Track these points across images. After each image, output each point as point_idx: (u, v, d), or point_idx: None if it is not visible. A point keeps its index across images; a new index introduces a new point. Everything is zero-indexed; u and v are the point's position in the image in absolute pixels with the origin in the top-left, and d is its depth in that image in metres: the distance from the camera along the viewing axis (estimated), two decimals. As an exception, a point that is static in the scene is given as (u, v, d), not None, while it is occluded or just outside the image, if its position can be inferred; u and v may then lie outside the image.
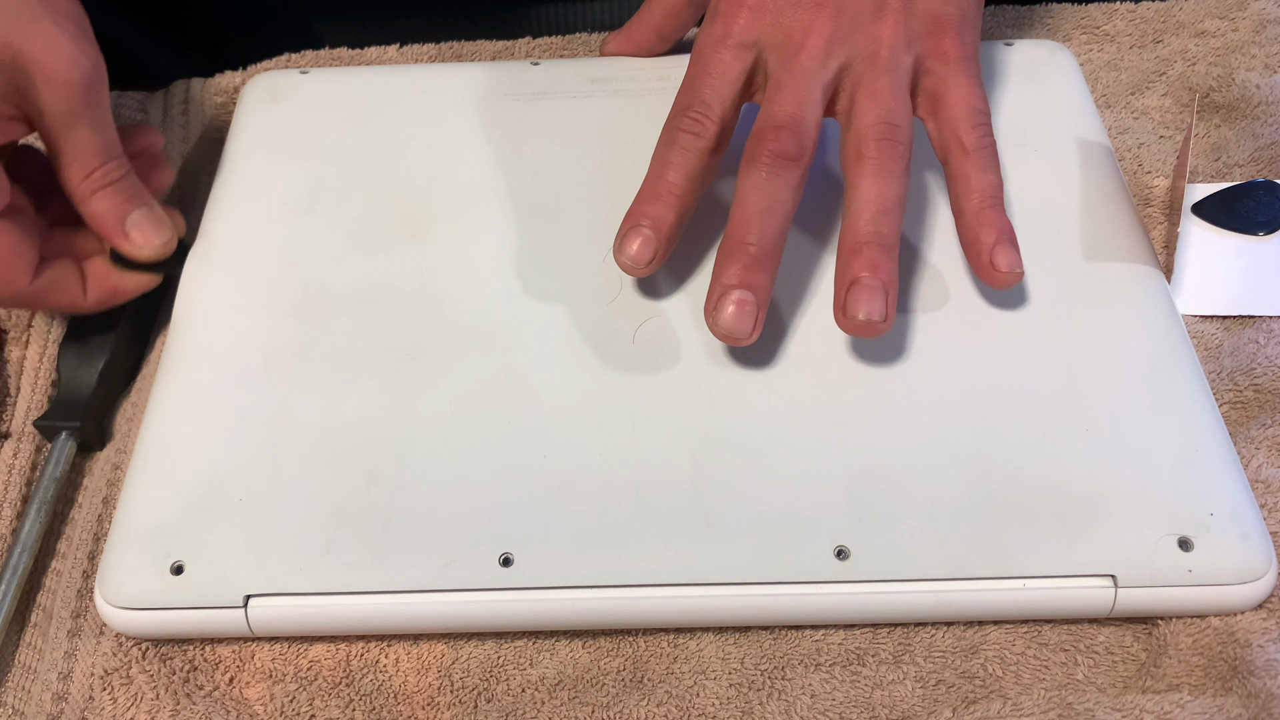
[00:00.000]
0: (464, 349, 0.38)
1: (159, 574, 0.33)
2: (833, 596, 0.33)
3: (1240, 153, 0.45)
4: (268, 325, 0.39)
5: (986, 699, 0.33)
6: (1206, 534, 0.33)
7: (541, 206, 0.42)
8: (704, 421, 0.36)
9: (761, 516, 0.34)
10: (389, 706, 0.34)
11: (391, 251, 0.41)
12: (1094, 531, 0.33)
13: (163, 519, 0.34)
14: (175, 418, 0.37)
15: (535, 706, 0.33)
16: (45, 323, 0.43)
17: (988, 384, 0.36)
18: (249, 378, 0.38)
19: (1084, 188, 0.42)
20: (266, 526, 0.34)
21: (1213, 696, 0.32)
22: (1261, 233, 0.42)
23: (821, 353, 0.37)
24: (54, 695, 0.34)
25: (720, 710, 0.33)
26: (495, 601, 0.33)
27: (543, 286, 0.39)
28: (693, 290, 0.39)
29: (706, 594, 0.33)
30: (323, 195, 0.43)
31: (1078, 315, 0.38)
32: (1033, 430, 0.35)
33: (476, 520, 0.34)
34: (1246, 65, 0.48)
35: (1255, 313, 0.40)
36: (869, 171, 0.36)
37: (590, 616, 0.34)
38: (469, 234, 0.41)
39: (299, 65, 0.50)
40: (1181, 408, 0.35)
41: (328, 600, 0.33)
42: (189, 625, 0.34)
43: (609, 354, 0.37)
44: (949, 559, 0.33)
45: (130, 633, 0.34)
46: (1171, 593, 0.33)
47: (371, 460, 0.35)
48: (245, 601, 0.33)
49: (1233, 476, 0.34)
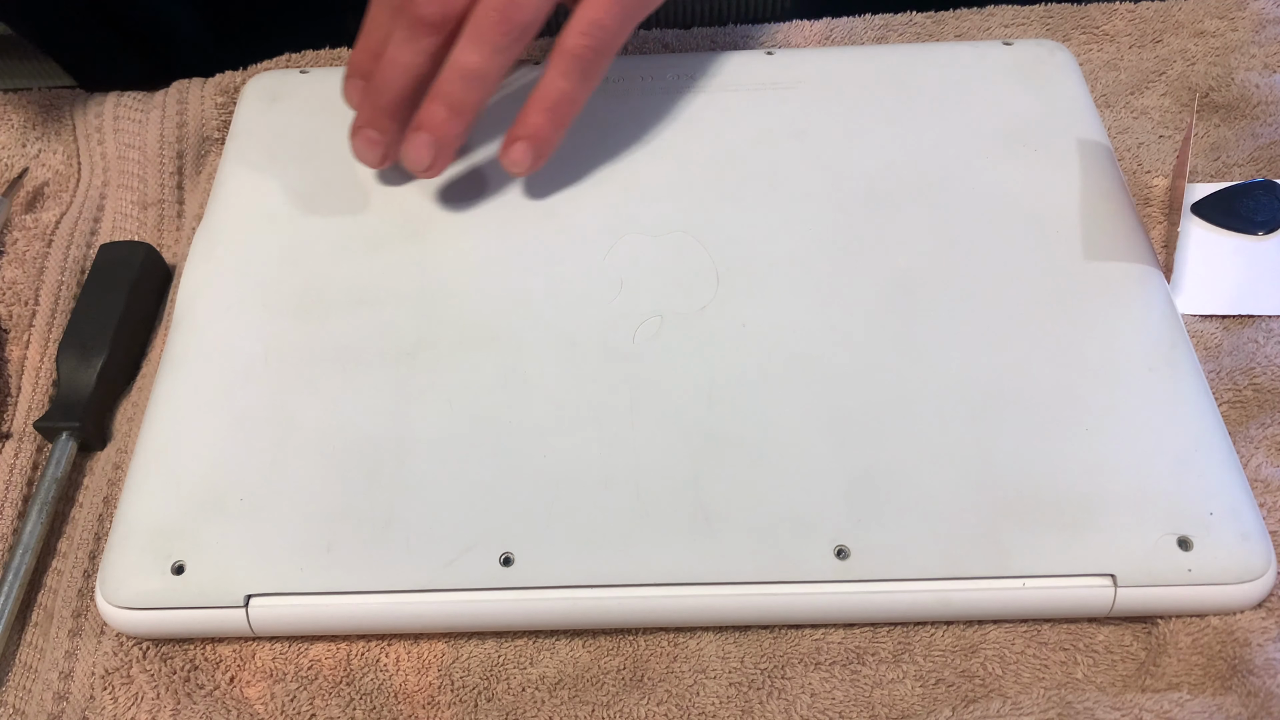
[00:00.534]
0: (464, 348, 0.38)
1: (160, 574, 0.33)
2: (833, 596, 0.33)
3: (1239, 152, 0.45)
4: (269, 324, 0.39)
5: (986, 698, 0.33)
6: (1206, 533, 0.33)
7: (541, 205, 0.42)
8: (704, 421, 0.36)
9: (761, 516, 0.34)
10: (389, 705, 0.34)
11: (391, 251, 0.41)
12: (1093, 531, 0.33)
13: (164, 518, 0.34)
14: (176, 417, 0.37)
15: (535, 705, 0.33)
16: (46, 323, 0.43)
17: (987, 383, 0.36)
18: (250, 377, 0.38)
19: (1084, 188, 0.42)
20: (267, 526, 0.34)
21: (1212, 695, 0.32)
22: (1261, 232, 0.42)
23: (821, 352, 0.37)
24: (55, 695, 0.34)
25: (720, 709, 0.33)
26: (496, 601, 0.33)
27: (542, 285, 0.40)
28: (693, 291, 0.39)
29: (707, 593, 0.33)
30: (323, 195, 0.43)
31: (1077, 315, 0.38)
32: (1033, 430, 0.35)
33: (477, 520, 0.34)
34: (1246, 65, 0.48)
35: (1254, 312, 0.40)
36: (464, 34, 0.38)
37: (591, 616, 0.34)
38: (469, 233, 0.41)
39: (299, 65, 0.50)
40: (1181, 407, 0.35)
41: (328, 600, 0.33)
42: (190, 625, 0.34)
43: (609, 353, 0.37)
44: (949, 558, 0.33)
45: (131, 632, 0.34)
46: (1171, 592, 0.33)
47: (372, 460, 0.35)
48: (246, 601, 0.33)
49: (1232, 476, 0.34)
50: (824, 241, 0.40)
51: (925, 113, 0.44)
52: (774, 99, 0.45)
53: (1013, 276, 0.39)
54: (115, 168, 0.48)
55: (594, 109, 0.45)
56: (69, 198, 0.47)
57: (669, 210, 0.41)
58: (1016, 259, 0.39)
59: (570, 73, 0.39)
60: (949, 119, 0.44)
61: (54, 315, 0.43)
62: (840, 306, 0.38)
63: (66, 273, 0.44)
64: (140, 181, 0.48)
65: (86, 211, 0.47)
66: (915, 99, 0.45)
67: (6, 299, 0.44)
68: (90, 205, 0.47)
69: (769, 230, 0.41)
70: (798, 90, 0.46)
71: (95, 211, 0.47)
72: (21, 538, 0.37)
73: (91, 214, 0.47)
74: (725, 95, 0.46)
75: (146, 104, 0.50)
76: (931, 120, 0.44)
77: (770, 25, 0.51)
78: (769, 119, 0.45)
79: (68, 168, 0.48)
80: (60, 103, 0.50)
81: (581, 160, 0.44)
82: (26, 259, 0.45)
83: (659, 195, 0.42)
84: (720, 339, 0.38)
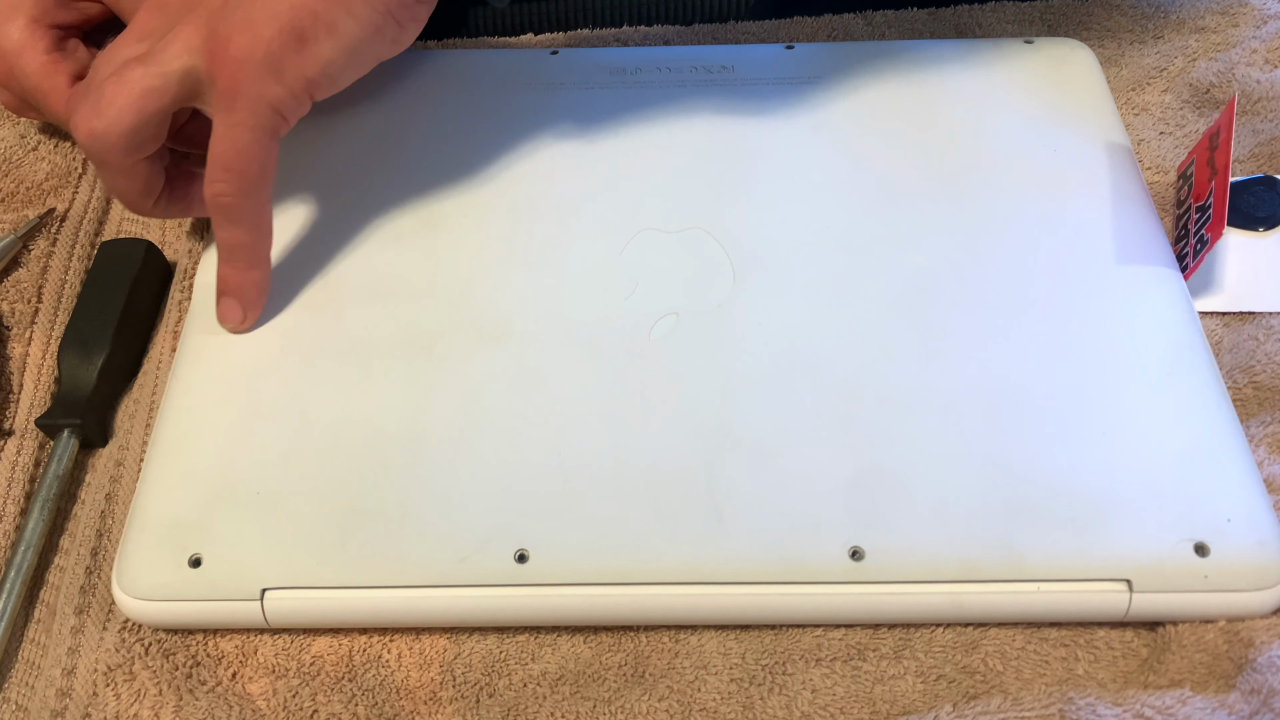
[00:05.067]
0: (479, 344, 0.38)
1: (177, 566, 0.34)
2: (847, 597, 0.33)
3: (1240, 148, 0.45)
4: (284, 318, 0.39)
5: (987, 694, 0.33)
6: (1223, 539, 0.32)
7: (557, 199, 0.42)
8: (718, 419, 0.35)
9: (775, 516, 0.33)
10: (391, 701, 0.34)
11: (406, 246, 0.41)
12: (1109, 535, 0.33)
13: (181, 511, 0.35)
14: (192, 410, 0.37)
15: (537, 701, 0.34)
16: (48, 320, 0.43)
17: (1003, 384, 0.36)
18: (265, 370, 0.38)
19: (1103, 188, 0.41)
20: (283, 520, 0.34)
21: (1215, 693, 0.32)
22: (1261, 228, 0.42)
23: (835, 351, 0.37)
24: (58, 691, 0.34)
25: (721, 705, 0.33)
26: (511, 597, 0.33)
27: (557, 282, 0.39)
28: (708, 289, 0.39)
29: (721, 593, 0.33)
30: (338, 188, 0.43)
31: (1095, 316, 0.37)
32: (1048, 432, 0.35)
33: (491, 515, 0.34)
34: (1246, 61, 0.48)
35: (1255, 309, 0.40)
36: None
37: (604, 613, 0.34)
38: (483, 229, 0.41)
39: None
40: (1198, 411, 0.35)
41: (343, 594, 0.33)
42: (206, 617, 0.34)
43: (624, 351, 0.37)
44: (963, 561, 0.33)
45: (148, 623, 0.34)
46: (1186, 598, 0.32)
47: (387, 454, 0.35)
48: (261, 594, 0.33)
49: (1249, 482, 0.34)
50: (840, 239, 0.40)
51: (945, 110, 0.44)
52: (792, 94, 0.45)
53: (1030, 277, 0.39)
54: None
55: (612, 101, 0.45)
56: (70, 194, 0.47)
57: (684, 206, 0.41)
58: (1034, 259, 0.39)
59: (222, 223, 0.38)
60: (968, 117, 0.44)
61: (56, 312, 0.43)
62: (855, 305, 0.38)
63: (70, 270, 0.44)
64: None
65: (91, 210, 0.47)
66: (935, 96, 0.45)
67: (9, 296, 0.44)
68: (95, 203, 0.47)
69: (784, 227, 0.40)
70: (815, 85, 0.45)
71: (100, 211, 0.47)
72: (24, 535, 0.37)
73: (96, 213, 0.47)
74: (742, 89, 0.45)
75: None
76: (950, 118, 0.44)
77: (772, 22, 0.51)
78: (786, 114, 0.44)
79: (70, 164, 0.48)
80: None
81: (598, 153, 0.43)
82: (30, 256, 0.45)
83: (674, 191, 0.42)
84: (735, 337, 0.37)
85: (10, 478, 0.39)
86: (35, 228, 0.45)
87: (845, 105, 0.44)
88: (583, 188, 0.42)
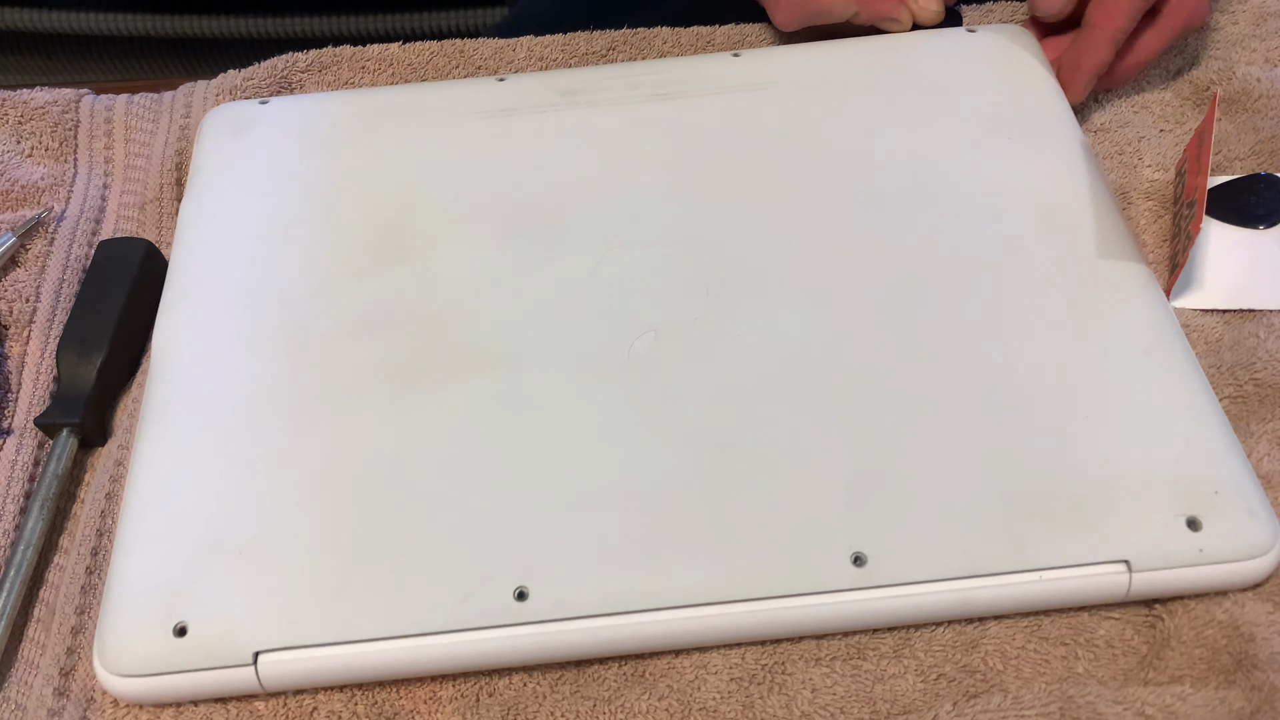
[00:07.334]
0: (459, 375, 0.37)
1: (162, 636, 0.32)
2: (854, 604, 0.33)
3: (1241, 146, 0.45)
4: (253, 365, 0.38)
5: (987, 693, 0.33)
6: (1214, 512, 0.33)
7: (521, 223, 0.41)
8: (709, 434, 0.35)
9: (776, 528, 0.33)
10: (391, 700, 0.34)
11: (373, 279, 0.40)
12: (1104, 518, 0.33)
13: (161, 578, 0.33)
14: (163, 471, 0.35)
15: (537, 701, 0.33)
16: (47, 320, 0.43)
17: (987, 378, 0.36)
18: (239, 422, 0.36)
19: (1058, 176, 0.41)
20: (270, 577, 0.33)
21: (1215, 689, 0.32)
22: (1262, 226, 0.42)
23: (817, 356, 0.37)
24: (56, 691, 0.34)
25: (721, 704, 0.33)
26: (514, 638, 0.32)
27: (531, 306, 0.39)
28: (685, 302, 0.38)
29: (727, 612, 0.33)
30: (296, 226, 0.42)
31: (1067, 305, 0.38)
32: (1036, 421, 0.35)
33: (487, 552, 0.33)
34: (1247, 59, 0.48)
35: (1255, 307, 0.40)
36: None
37: (612, 645, 0.33)
38: (450, 256, 0.40)
39: (300, 65, 0.50)
40: (1178, 389, 0.36)
41: (341, 650, 0.32)
42: (197, 688, 0.32)
43: (607, 372, 0.37)
44: (965, 557, 0.33)
45: (135, 700, 0.33)
46: (1184, 573, 0.33)
47: (373, 498, 0.34)
48: (255, 658, 0.32)
49: (1233, 453, 0.34)
50: (813, 243, 0.40)
51: (901, 106, 0.44)
52: (746, 101, 0.45)
53: (1002, 270, 0.39)
54: (121, 174, 0.48)
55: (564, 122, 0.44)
56: (65, 194, 0.47)
57: (651, 222, 0.41)
58: (1004, 253, 0.39)
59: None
60: (923, 112, 0.44)
61: (55, 312, 0.43)
62: (833, 308, 0.38)
63: (68, 270, 0.44)
64: (142, 186, 0.48)
65: (88, 210, 0.47)
66: (889, 93, 0.44)
67: (8, 295, 0.44)
68: (92, 203, 0.47)
69: (754, 235, 0.40)
70: (769, 92, 0.45)
71: (97, 211, 0.47)
72: (23, 534, 0.37)
73: (93, 213, 0.47)
74: (696, 100, 0.45)
75: (157, 107, 0.50)
76: (906, 115, 0.44)
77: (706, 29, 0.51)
78: (743, 122, 0.44)
79: (62, 165, 0.48)
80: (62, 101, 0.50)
81: (556, 175, 0.43)
82: (28, 256, 0.45)
83: (640, 208, 0.41)
84: (717, 349, 0.37)
85: (10, 477, 0.39)
86: (33, 227, 0.45)
87: (799, 109, 0.44)
88: (543, 209, 0.42)
